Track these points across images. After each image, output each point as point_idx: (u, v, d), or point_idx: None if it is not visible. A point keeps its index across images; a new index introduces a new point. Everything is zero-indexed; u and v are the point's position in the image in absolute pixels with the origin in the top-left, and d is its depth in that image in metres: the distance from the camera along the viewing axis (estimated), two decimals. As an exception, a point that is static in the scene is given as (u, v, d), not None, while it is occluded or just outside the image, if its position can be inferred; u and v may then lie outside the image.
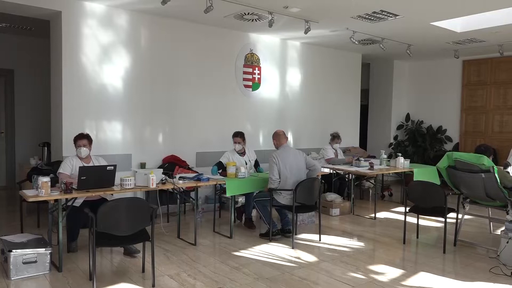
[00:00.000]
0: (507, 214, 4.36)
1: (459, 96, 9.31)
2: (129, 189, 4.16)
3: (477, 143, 8.94)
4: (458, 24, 6.53)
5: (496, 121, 8.78)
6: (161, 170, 4.83)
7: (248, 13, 5.77)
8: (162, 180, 4.49)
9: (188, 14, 6.01)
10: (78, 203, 4.19)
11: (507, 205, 4.47)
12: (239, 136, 5.72)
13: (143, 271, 3.89)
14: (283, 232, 5.05)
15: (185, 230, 5.27)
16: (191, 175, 4.94)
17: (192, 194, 5.30)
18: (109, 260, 4.27)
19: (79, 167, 4.07)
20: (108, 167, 4.13)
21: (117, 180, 4.20)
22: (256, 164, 5.88)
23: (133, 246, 4.26)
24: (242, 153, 5.74)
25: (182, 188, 4.79)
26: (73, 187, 3.91)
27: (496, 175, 4.33)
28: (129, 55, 5.91)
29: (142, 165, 5.99)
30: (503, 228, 4.30)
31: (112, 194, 4.22)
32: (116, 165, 4.20)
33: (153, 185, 4.24)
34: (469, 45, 7.68)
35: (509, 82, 8.53)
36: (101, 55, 5.66)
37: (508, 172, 4.69)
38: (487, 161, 4.37)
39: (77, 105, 5.49)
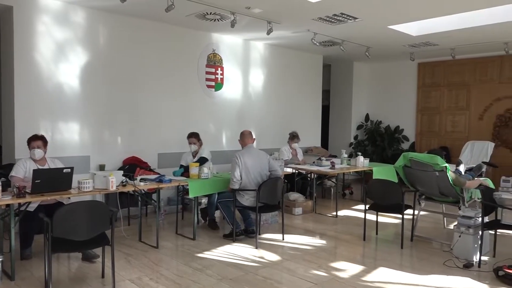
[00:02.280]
0: (459, 209, 4.59)
1: (415, 97, 9.69)
2: (87, 192, 4.03)
3: (432, 142, 9.39)
4: (413, 28, 6.80)
5: (449, 121, 9.21)
6: (121, 172, 4.70)
7: (210, 13, 5.73)
8: (122, 182, 4.38)
9: (149, 13, 5.89)
10: (32, 207, 4.00)
11: (459, 201, 4.71)
12: (193, 136, 5.65)
13: (103, 276, 3.77)
14: (246, 232, 5.06)
15: (146, 233, 5.16)
16: (153, 176, 4.84)
17: (154, 196, 5.21)
18: (66, 266, 4.11)
19: (33, 170, 3.89)
20: (64, 170, 3.98)
21: (74, 183, 4.06)
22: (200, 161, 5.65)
23: (92, 251, 4.12)
24: (194, 155, 5.67)
25: (143, 190, 4.69)
26: (27, 191, 3.74)
27: (448, 174, 4.55)
28: (87, 53, 5.72)
29: (101, 167, 5.82)
30: (456, 223, 4.52)
31: (69, 198, 4.07)
32: (73, 167, 4.05)
33: (112, 187, 4.13)
34: (424, 48, 8.01)
35: (460, 84, 8.98)
36: (56, 53, 5.45)
37: (460, 171, 4.93)
38: (440, 161, 4.59)
39: (31, 104, 5.25)
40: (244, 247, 4.73)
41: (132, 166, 5.79)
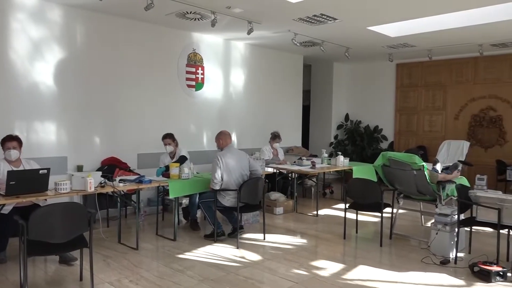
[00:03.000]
0: (436, 207, 4.69)
1: (393, 98, 9.86)
2: (64, 193, 3.95)
3: (410, 141, 9.58)
4: (391, 30, 6.91)
5: (426, 120, 9.41)
6: (100, 172, 4.63)
7: (191, 12, 5.70)
8: (101, 183, 4.30)
9: (128, 11, 5.81)
10: (6, 210, 3.89)
11: (436, 199, 4.81)
12: (168, 137, 5.60)
13: (81, 279, 3.70)
14: (234, 231, 5.01)
15: (126, 235, 5.09)
16: (132, 177, 4.78)
17: (134, 197, 5.14)
18: (42, 270, 4.02)
19: (7, 171, 3.78)
20: (40, 171, 3.89)
21: (51, 185, 3.97)
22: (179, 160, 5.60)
23: (70, 253, 4.03)
24: (172, 156, 5.63)
25: (122, 191, 4.63)
26: (1, 193, 3.63)
27: (425, 172, 4.64)
28: (64, 52, 5.60)
29: (79, 168, 5.71)
30: (433, 221, 4.62)
31: (45, 200, 3.98)
32: (49, 168, 3.96)
33: (91, 188, 4.06)
34: (402, 49, 8.16)
35: (437, 85, 9.18)
36: (32, 51, 5.32)
37: (436, 170, 5.04)
38: (418, 159, 4.69)
39: (5, 104, 5.11)
40: (225, 247, 4.72)
41: (111, 167, 5.70)
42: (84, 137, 5.87)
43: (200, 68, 7.27)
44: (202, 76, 7.33)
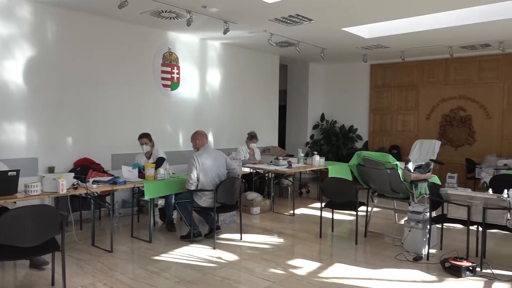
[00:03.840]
0: (409, 205, 4.80)
1: (368, 98, 10.04)
2: (35, 196, 3.84)
3: (384, 141, 9.77)
4: (366, 31, 7.03)
5: (399, 120, 9.62)
6: (73, 174, 4.51)
7: (166, 10, 5.63)
8: (73, 184, 4.20)
9: (101, 9, 5.69)
10: (-27, 213, 3.75)
11: (409, 197, 4.93)
12: (144, 137, 5.56)
13: (53, 284, 3.60)
14: (211, 232, 4.97)
15: (100, 237, 4.99)
16: (106, 178, 4.69)
17: (108, 199, 5.04)
18: (12, 275, 3.89)
19: (-25, 173, 3.65)
20: (9, 173, 3.77)
21: (21, 187, 3.85)
22: (157, 162, 5.56)
23: (41, 257, 3.92)
24: (149, 156, 5.57)
25: (96, 192, 4.53)
26: (-33, 196, 3.50)
27: (399, 171, 4.75)
28: (34, 50, 5.44)
29: (51, 169, 5.55)
30: (406, 218, 4.72)
31: (15, 203, 3.85)
32: (19, 170, 3.84)
33: (63, 190, 3.96)
34: (376, 51, 8.31)
35: (409, 85, 9.40)
36: (0, 49, 5.14)
37: (409, 169, 5.15)
38: (391, 159, 4.79)
39: (-28, 104, 4.93)
40: (201, 248, 4.69)
41: (84, 168, 5.57)
42: (56, 138, 5.71)
43: (175, 68, 7.20)
44: (178, 76, 7.26)
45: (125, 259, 4.35)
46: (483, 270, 3.96)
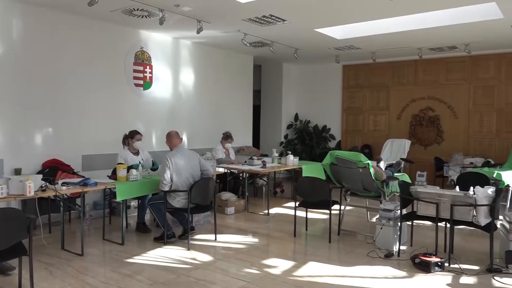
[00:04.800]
0: (381, 203, 4.91)
1: (340, 98, 10.19)
2: (0, 198, 3.69)
3: (356, 140, 9.94)
4: (338, 32, 7.13)
5: (371, 120, 9.81)
6: (41, 176, 4.38)
7: (137, 9, 5.54)
8: (41, 186, 4.07)
9: (70, 6, 5.54)
10: None
11: (380, 195, 5.03)
12: (139, 133, 5.55)
13: (20, 289, 3.48)
14: (185, 233, 4.92)
15: (70, 241, 4.85)
16: (76, 180, 4.57)
17: (79, 201, 4.91)
18: (-24, 281, 3.74)
19: None
20: (-27, 175, 3.61)
21: (-15, 189, 3.69)
22: (153, 163, 5.67)
23: (7, 262, 3.77)
24: (136, 152, 5.51)
25: (66, 194, 4.41)
26: None
27: (371, 170, 4.84)
28: (-1, 47, 5.25)
29: (17, 171, 5.36)
30: (377, 216, 4.82)
31: (-21, 206, 3.70)
32: (-17, 172, 3.69)
33: (30, 193, 3.83)
34: (348, 51, 8.44)
35: (381, 86, 9.60)
36: (-38, 46, 4.93)
37: (380, 167, 5.27)
38: (363, 158, 4.88)
39: None
40: (175, 250, 4.64)
41: (52, 170, 5.42)
42: (23, 139, 5.52)
43: (148, 67, 7.09)
44: (151, 75, 7.15)
45: (97, 262, 4.25)
46: (451, 265, 4.09)
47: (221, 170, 6.58)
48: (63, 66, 5.88)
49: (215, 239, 5.02)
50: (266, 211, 6.52)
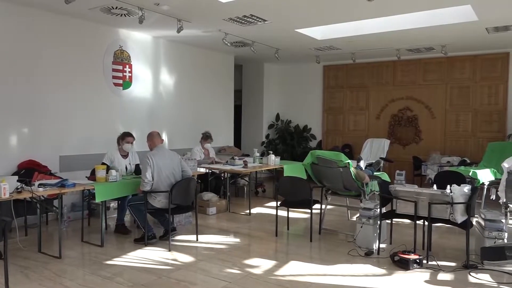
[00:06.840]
0: (361, 202, 4.97)
1: (321, 98, 10.27)
2: (-27, 201, 3.58)
3: (337, 140, 10.03)
4: (318, 33, 7.19)
5: (351, 120, 9.93)
6: (16, 177, 4.26)
7: (116, 7, 5.45)
8: (17, 188, 3.98)
9: (47, 3, 5.41)
10: None
11: (360, 194, 5.09)
12: (131, 136, 5.49)
13: (-5, 294, 3.39)
14: (166, 233, 4.87)
15: (48, 243, 4.75)
16: (54, 181, 4.46)
17: (56, 202, 4.80)
18: None
19: None
20: None
21: (-43, 192, 3.58)
22: (137, 169, 5.46)
23: (-19, 266, 3.67)
24: (125, 155, 5.42)
25: (42, 196, 4.31)
26: None
27: (351, 169, 4.90)
28: (-29, 45, 5.08)
29: (-8, 173, 5.22)
30: (358, 215, 4.88)
31: (-50, 209, 3.58)
32: (-45, 174, 3.57)
33: (5, 194, 3.73)
34: (328, 52, 8.52)
35: (360, 86, 9.73)
36: None
37: (360, 167, 5.34)
38: (343, 157, 4.94)
39: None
40: (156, 251, 4.59)
41: (29, 171, 5.28)
42: (-3, 139, 5.37)
43: (127, 66, 6.99)
44: (130, 75, 7.06)
45: (75, 264, 4.17)
46: (429, 262, 4.17)
47: (203, 170, 6.55)
48: (39, 65, 5.75)
49: (197, 240, 4.99)
50: (248, 211, 6.52)
